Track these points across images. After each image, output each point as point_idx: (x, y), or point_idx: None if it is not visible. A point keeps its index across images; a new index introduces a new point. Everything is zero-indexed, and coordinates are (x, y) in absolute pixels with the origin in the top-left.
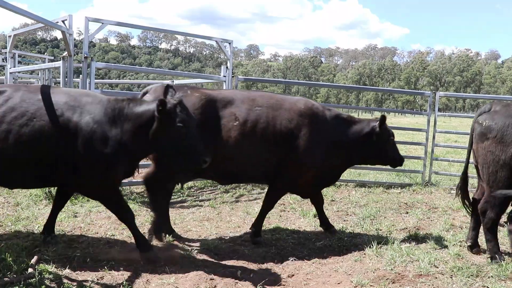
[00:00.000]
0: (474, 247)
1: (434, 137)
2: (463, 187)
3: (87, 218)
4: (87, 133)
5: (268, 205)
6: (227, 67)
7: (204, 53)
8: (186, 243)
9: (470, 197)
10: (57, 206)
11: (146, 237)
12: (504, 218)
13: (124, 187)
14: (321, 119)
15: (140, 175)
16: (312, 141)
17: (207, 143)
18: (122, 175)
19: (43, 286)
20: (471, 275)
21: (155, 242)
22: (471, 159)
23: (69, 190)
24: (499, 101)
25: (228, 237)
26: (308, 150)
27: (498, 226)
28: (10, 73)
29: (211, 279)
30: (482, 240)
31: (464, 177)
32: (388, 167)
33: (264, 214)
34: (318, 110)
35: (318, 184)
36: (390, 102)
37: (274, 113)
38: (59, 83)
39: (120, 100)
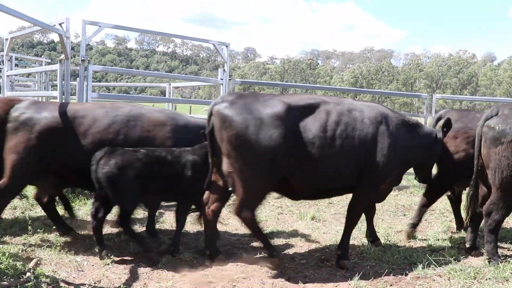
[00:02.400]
0: (472, 249)
1: None
2: (474, 195)
3: (85, 221)
4: (387, 142)
5: None
6: (224, 70)
7: (201, 56)
8: (184, 246)
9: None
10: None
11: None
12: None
13: None
14: None
15: None
16: None
17: None
18: None
19: None
20: (469, 277)
21: None
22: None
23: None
24: (504, 104)
25: (226, 240)
26: None
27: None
28: (7, 76)
29: (209, 282)
30: (480, 242)
31: (475, 184)
32: None
33: None
34: None
35: None
36: (387, 104)
37: None
38: (56, 86)
39: (400, 115)
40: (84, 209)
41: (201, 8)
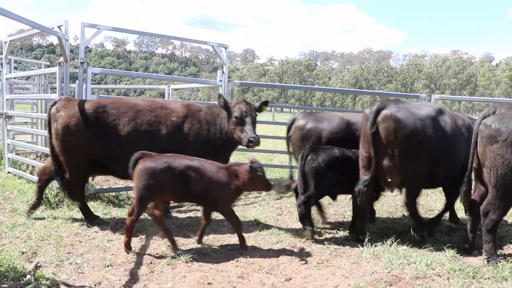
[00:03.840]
0: (471, 249)
1: None
2: (467, 191)
3: (84, 223)
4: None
5: None
6: (223, 72)
7: (200, 57)
8: (183, 247)
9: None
10: None
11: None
12: None
13: (121, 192)
14: None
15: None
16: None
17: None
18: None
19: None
20: (468, 277)
21: None
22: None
23: None
24: (501, 103)
25: (225, 242)
26: None
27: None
28: (6, 79)
29: (208, 284)
30: (478, 242)
31: (469, 180)
32: None
33: None
34: None
35: None
36: None
37: None
38: (55, 88)
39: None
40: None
41: (201, 10)
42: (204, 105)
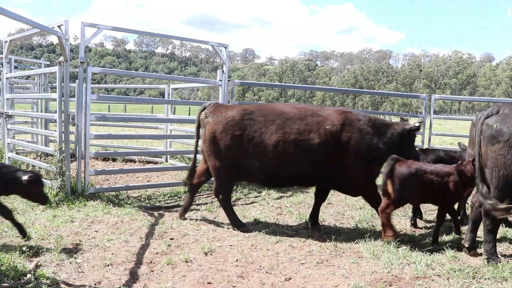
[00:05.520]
0: (471, 249)
1: (429, 140)
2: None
3: (84, 223)
4: None
5: None
6: (223, 71)
7: (200, 57)
8: (183, 247)
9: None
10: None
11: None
12: None
13: (121, 192)
14: None
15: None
16: None
17: None
18: None
19: None
20: (468, 277)
21: None
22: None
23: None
24: (505, 103)
25: (225, 241)
26: None
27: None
28: (6, 78)
29: (208, 283)
30: (478, 242)
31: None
32: None
33: None
34: None
35: None
36: (387, 105)
37: None
38: (55, 88)
39: None
40: (84, 210)
41: (200, 10)
42: (362, 114)
